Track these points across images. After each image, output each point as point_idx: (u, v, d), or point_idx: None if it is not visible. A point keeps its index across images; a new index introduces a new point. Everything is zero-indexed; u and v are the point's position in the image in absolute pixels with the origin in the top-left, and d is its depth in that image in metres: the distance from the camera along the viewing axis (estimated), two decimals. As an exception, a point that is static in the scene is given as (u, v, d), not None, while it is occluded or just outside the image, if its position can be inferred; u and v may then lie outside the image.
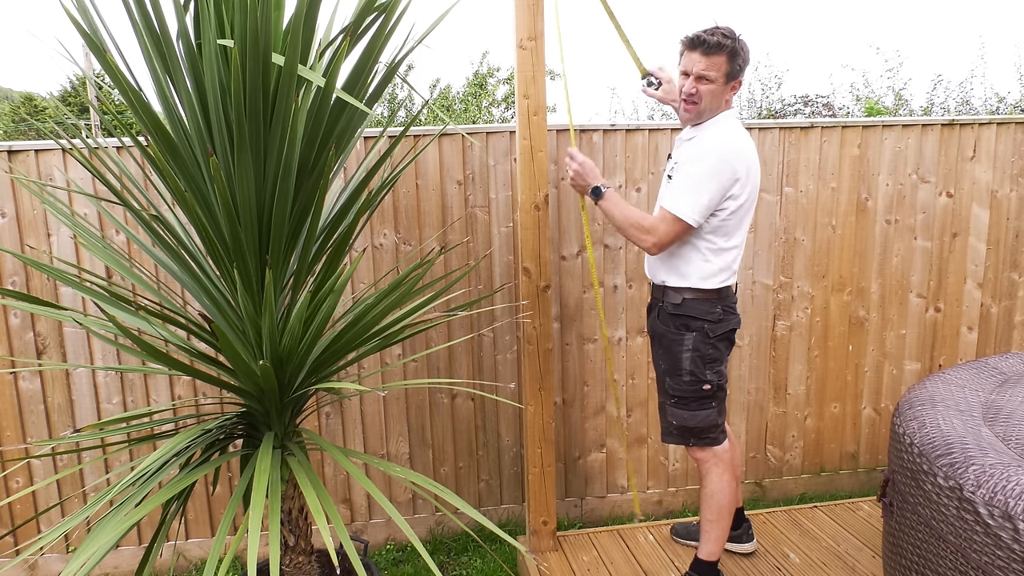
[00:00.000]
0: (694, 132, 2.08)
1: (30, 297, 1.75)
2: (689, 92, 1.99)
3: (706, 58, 1.95)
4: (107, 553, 1.57)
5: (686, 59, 2.00)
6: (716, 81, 1.97)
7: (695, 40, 1.96)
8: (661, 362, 2.19)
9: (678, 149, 2.14)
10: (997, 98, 10.73)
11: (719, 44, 1.93)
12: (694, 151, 2.03)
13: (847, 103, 11.35)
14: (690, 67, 1.98)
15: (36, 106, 18.88)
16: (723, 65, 1.96)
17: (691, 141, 2.08)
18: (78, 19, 1.59)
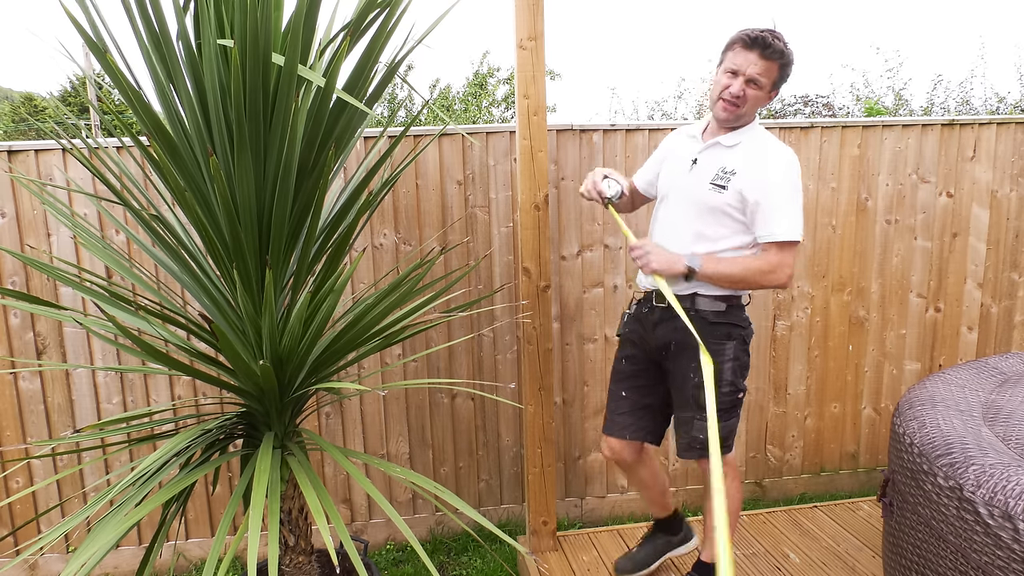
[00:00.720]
0: (737, 139, 1.95)
1: (30, 297, 1.75)
2: (736, 94, 1.86)
3: (763, 61, 1.83)
4: (107, 553, 1.57)
5: (739, 57, 1.85)
6: (764, 88, 1.87)
7: (757, 40, 1.82)
8: (694, 375, 2.01)
9: (713, 154, 1.97)
10: (997, 98, 10.73)
11: (780, 51, 1.83)
12: (765, 163, 1.89)
13: (847, 103, 11.35)
14: (743, 67, 1.84)
15: (36, 106, 18.87)
16: (775, 73, 1.86)
17: (739, 149, 1.94)
18: (78, 19, 1.59)
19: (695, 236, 1.97)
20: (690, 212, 1.97)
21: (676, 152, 2.09)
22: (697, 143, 2.02)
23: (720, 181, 1.92)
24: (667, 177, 2.09)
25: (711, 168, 1.95)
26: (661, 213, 2.09)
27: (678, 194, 2.02)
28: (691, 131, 2.08)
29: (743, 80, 1.85)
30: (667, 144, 2.19)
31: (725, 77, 1.88)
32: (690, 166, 1.99)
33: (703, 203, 1.94)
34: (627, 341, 2.20)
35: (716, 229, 1.95)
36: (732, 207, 1.90)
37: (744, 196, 1.88)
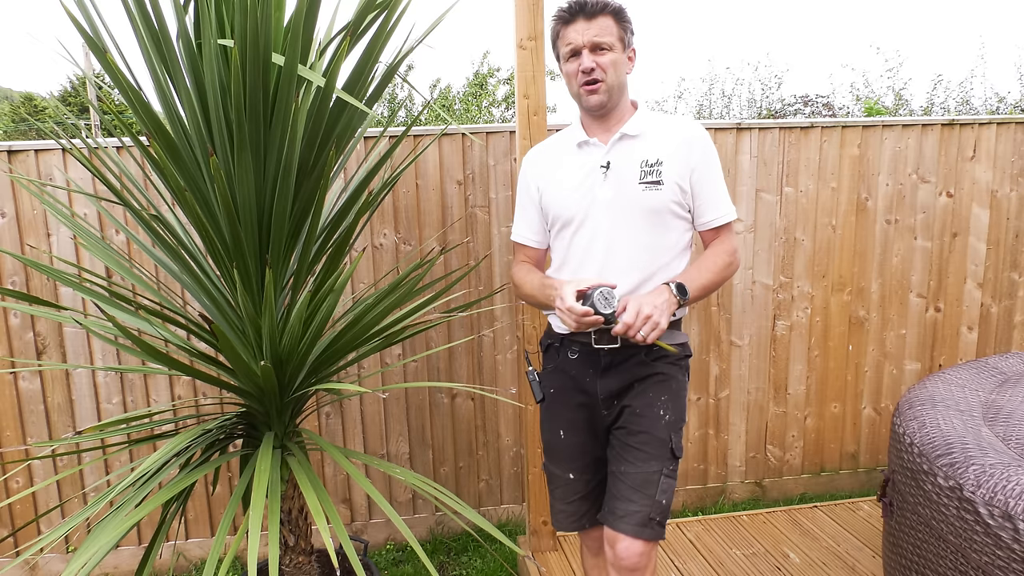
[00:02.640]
0: (639, 125, 1.64)
1: (30, 297, 1.75)
2: (587, 67, 1.57)
3: (592, 22, 1.57)
4: (107, 553, 1.57)
5: (569, 34, 1.59)
6: (614, 48, 1.58)
7: (572, 8, 1.58)
8: (665, 411, 1.64)
9: (623, 149, 1.64)
10: (997, 98, 10.74)
11: (601, 4, 1.57)
12: (690, 141, 1.63)
13: (847, 103, 11.35)
14: (577, 40, 1.57)
15: (36, 106, 18.87)
16: (613, 27, 1.58)
17: (650, 136, 1.64)
18: (78, 19, 1.59)
19: (647, 252, 1.62)
20: (630, 225, 1.61)
21: (566, 168, 1.69)
22: (593, 147, 1.66)
23: (651, 176, 1.61)
24: (572, 199, 1.65)
25: (630, 166, 1.62)
26: (582, 240, 1.65)
27: (603, 210, 1.62)
28: (567, 140, 1.72)
29: (587, 51, 1.58)
30: (537, 170, 1.76)
31: (569, 65, 1.62)
32: (602, 174, 1.62)
33: (642, 208, 1.60)
34: (558, 405, 1.73)
35: (666, 236, 1.63)
36: (675, 202, 1.61)
37: (680, 185, 1.61)
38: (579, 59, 1.58)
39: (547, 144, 1.78)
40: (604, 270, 1.62)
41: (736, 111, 12.09)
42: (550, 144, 1.77)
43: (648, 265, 1.62)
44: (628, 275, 1.61)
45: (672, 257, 1.65)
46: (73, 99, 18.11)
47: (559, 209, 1.68)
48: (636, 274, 1.62)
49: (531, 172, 1.77)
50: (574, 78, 1.60)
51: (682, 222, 1.65)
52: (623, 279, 1.60)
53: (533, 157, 1.79)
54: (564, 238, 1.69)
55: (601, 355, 1.65)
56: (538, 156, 1.78)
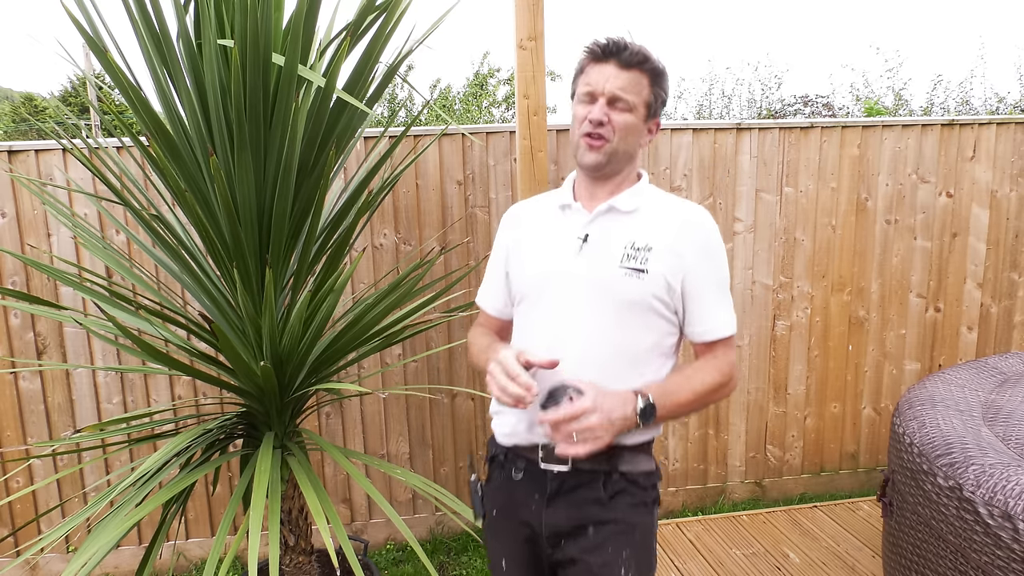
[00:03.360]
0: (634, 201, 1.34)
1: (30, 297, 1.75)
2: (598, 119, 1.27)
3: (624, 72, 1.28)
4: (108, 553, 1.57)
5: (592, 74, 1.30)
6: (635, 109, 1.29)
7: (608, 48, 1.30)
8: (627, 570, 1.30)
9: (610, 224, 1.34)
10: (997, 98, 10.74)
11: (643, 56, 1.29)
12: (691, 230, 1.33)
13: (847, 103, 11.36)
14: (600, 84, 1.28)
15: (36, 106, 18.88)
16: (645, 88, 1.30)
17: (644, 214, 1.34)
18: (78, 19, 1.59)
19: (611, 349, 1.28)
20: (596, 312, 1.29)
21: (542, 232, 1.40)
22: (575, 213, 1.36)
23: (634, 262, 1.28)
24: (535, 267, 1.36)
25: (614, 244, 1.30)
26: (535, 317, 1.35)
27: (566, 285, 1.31)
28: (553, 199, 1.43)
29: (604, 101, 1.28)
30: (512, 232, 1.46)
31: (581, 106, 1.32)
32: (578, 245, 1.32)
33: (616, 296, 1.28)
34: (502, 531, 1.41)
35: (642, 335, 1.29)
36: (658, 299, 1.28)
37: (669, 281, 1.28)
38: (592, 105, 1.29)
39: (532, 203, 1.49)
40: (550, 352, 1.25)
41: (736, 111, 12.09)
42: (535, 203, 1.48)
43: (609, 364, 1.28)
44: (579, 369, 1.25)
45: (647, 362, 1.31)
46: (73, 99, 18.12)
47: (520, 277, 1.38)
48: (590, 370, 1.25)
49: (505, 232, 1.48)
50: (579, 124, 1.32)
51: (665, 323, 1.31)
52: (572, 373, 1.25)
53: (512, 216, 1.49)
54: (520, 315, 1.39)
55: (548, 478, 1.31)
56: (518, 215, 1.49)
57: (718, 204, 2.89)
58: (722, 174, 2.88)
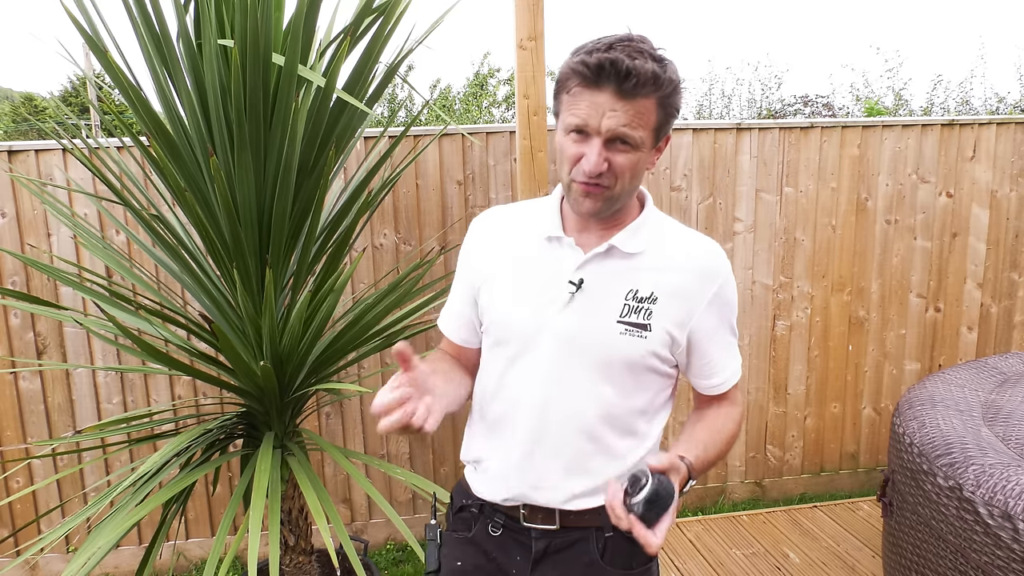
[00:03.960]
0: (639, 239, 1.11)
1: (30, 297, 1.75)
2: (595, 171, 1.00)
3: (626, 103, 0.97)
4: (108, 553, 1.57)
5: (582, 102, 0.99)
6: (642, 145, 1.01)
7: (604, 68, 0.96)
8: None
9: (608, 269, 1.10)
10: (997, 98, 10.74)
11: (652, 75, 0.96)
12: (704, 274, 1.11)
13: (847, 103, 11.36)
14: (594, 120, 0.98)
15: (36, 106, 18.88)
16: (652, 115, 1.00)
17: (650, 257, 1.11)
18: (78, 19, 1.59)
19: (601, 415, 1.11)
20: (586, 375, 1.10)
21: (524, 265, 1.15)
22: (567, 249, 1.11)
23: (637, 316, 1.08)
24: (517, 313, 1.13)
25: (611, 294, 1.09)
26: (517, 374, 1.15)
27: (554, 343, 1.10)
28: (537, 223, 1.16)
29: (600, 143, 0.99)
30: (485, 248, 1.21)
31: (570, 142, 1.03)
32: (569, 293, 1.09)
33: (610, 358, 1.09)
34: None
35: (635, 397, 1.12)
36: (658, 357, 1.10)
37: (673, 335, 1.09)
38: (584, 144, 1.01)
39: (510, 220, 1.21)
40: (536, 425, 1.12)
41: (736, 111, 12.09)
42: (514, 221, 1.20)
43: (601, 433, 1.11)
44: (567, 442, 1.11)
45: (638, 422, 1.14)
46: (73, 99, 18.12)
47: (497, 322, 1.16)
48: (582, 443, 1.11)
49: (477, 247, 1.21)
50: (569, 165, 1.05)
51: (662, 379, 1.14)
52: (557, 443, 1.12)
53: (486, 229, 1.22)
54: (497, 359, 1.18)
55: (532, 536, 1.17)
56: (492, 232, 1.20)
57: (718, 204, 2.89)
58: (722, 174, 2.88)
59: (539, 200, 1.22)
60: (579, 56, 0.99)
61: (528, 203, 1.23)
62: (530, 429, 1.14)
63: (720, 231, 2.90)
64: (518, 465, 1.15)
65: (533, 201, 1.23)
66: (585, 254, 1.10)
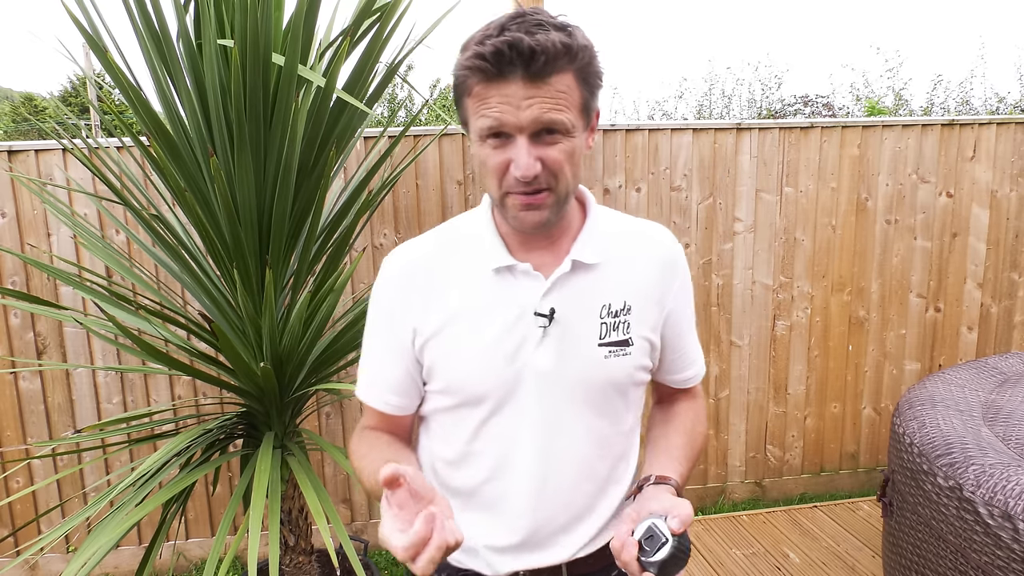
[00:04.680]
0: (598, 247, 0.97)
1: (30, 297, 1.75)
2: (528, 174, 0.84)
3: (540, 85, 0.82)
4: (107, 553, 1.57)
5: (492, 100, 0.83)
6: (573, 129, 0.86)
7: (503, 56, 0.81)
8: None
9: (577, 290, 0.96)
10: (997, 98, 10.73)
11: (563, 48, 0.82)
12: (662, 267, 1.01)
13: (847, 103, 11.36)
14: (510, 116, 0.83)
15: (36, 106, 18.88)
16: (575, 91, 0.85)
17: (615, 264, 0.99)
18: (79, 18, 1.59)
19: (599, 449, 1.00)
20: (579, 411, 0.98)
21: (474, 306, 0.96)
22: (525, 278, 0.95)
23: (617, 333, 0.97)
24: (486, 365, 0.95)
25: (586, 316, 0.96)
26: (499, 431, 0.97)
27: (539, 388, 0.96)
28: (479, 250, 0.97)
29: (526, 140, 0.84)
30: (412, 296, 0.97)
31: (490, 150, 0.86)
32: (540, 328, 0.94)
33: (600, 385, 0.98)
34: None
35: (624, 417, 1.02)
36: (643, 369, 1.01)
37: (651, 341, 1.01)
38: (508, 148, 0.85)
39: (433, 251, 1.00)
40: (539, 483, 0.98)
41: (736, 111, 12.09)
42: (439, 251, 0.99)
43: (600, 468, 1.01)
44: (574, 490, 0.99)
45: (626, 447, 1.05)
46: (73, 99, 18.13)
47: (462, 379, 0.97)
48: (586, 485, 1.00)
49: (403, 300, 0.98)
50: (495, 177, 0.88)
51: (641, 388, 1.05)
52: (564, 499, 0.99)
53: (406, 271, 0.99)
54: (466, 422, 0.99)
55: None
56: (416, 270, 0.98)
57: (718, 204, 2.89)
58: (722, 174, 2.88)
59: (461, 223, 1.02)
60: (471, 50, 0.83)
61: (449, 230, 1.02)
62: (529, 492, 0.98)
63: (720, 231, 2.90)
64: (518, 536, 1.00)
65: (454, 226, 1.02)
66: (547, 279, 0.95)
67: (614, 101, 23.16)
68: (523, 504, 0.99)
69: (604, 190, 2.79)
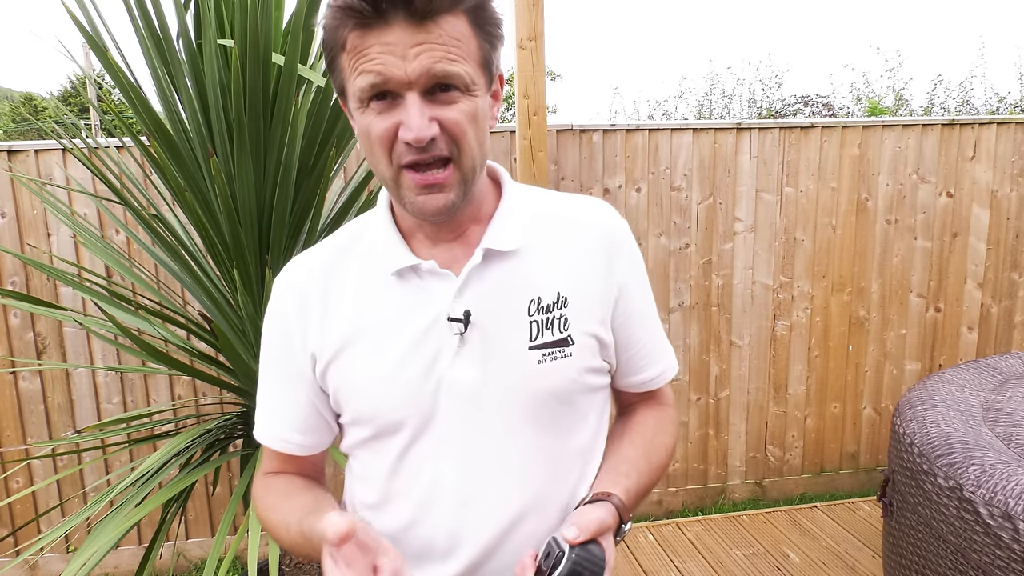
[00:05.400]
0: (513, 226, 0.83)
1: (30, 297, 1.75)
2: (421, 136, 0.70)
3: (431, 28, 0.69)
4: (107, 553, 1.57)
5: (373, 51, 0.69)
6: (473, 86, 0.73)
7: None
8: None
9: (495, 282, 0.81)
10: (997, 98, 10.74)
11: None
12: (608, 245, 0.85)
13: (847, 103, 11.36)
14: (395, 68, 0.69)
15: (36, 106, 18.88)
16: (471, 40, 0.72)
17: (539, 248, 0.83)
18: (79, 18, 1.59)
19: (539, 467, 0.83)
20: (511, 428, 0.82)
21: (381, 318, 0.82)
22: (431, 278, 0.81)
23: (551, 333, 0.81)
24: (396, 387, 0.81)
25: (510, 315, 0.81)
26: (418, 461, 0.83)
27: (460, 407, 0.81)
28: (376, 251, 0.84)
29: (417, 97, 0.70)
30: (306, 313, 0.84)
31: (374, 116, 0.72)
32: (456, 336, 0.80)
33: (536, 396, 0.82)
34: None
35: (575, 432, 0.86)
36: (592, 370, 0.85)
37: (599, 337, 0.84)
38: (395, 111, 0.71)
39: (324, 261, 0.86)
40: (461, 511, 0.82)
41: (736, 111, 12.09)
42: (332, 260, 0.86)
43: (538, 488, 0.83)
44: (499, 511, 0.82)
45: (584, 470, 0.87)
46: (73, 99, 18.13)
47: (370, 406, 0.83)
48: (513, 507, 0.82)
49: (298, 320, 0.84)
50: (383, 148, 0.73)
51: (599, 394, 0.88)
52: (491, 520, 0.82)
53: (297, 288, 0.85)
54: (382, 457, 0.85)
55: None
56: (308, 285, 0.85)
57: (718, 204, 2.89)
58: (722, 174, 2.87)
59: (360, 223, 0.88)
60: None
61: (347, 233, 0.88)
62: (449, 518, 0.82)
63: (720, 231, 2.90)
64: None
65: (353, 227, 0.88)
66: (457, 276, 0.80)
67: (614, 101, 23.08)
68: (452, 552, 0.83)
69: (604, 190, 2.79)
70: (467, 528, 0.82)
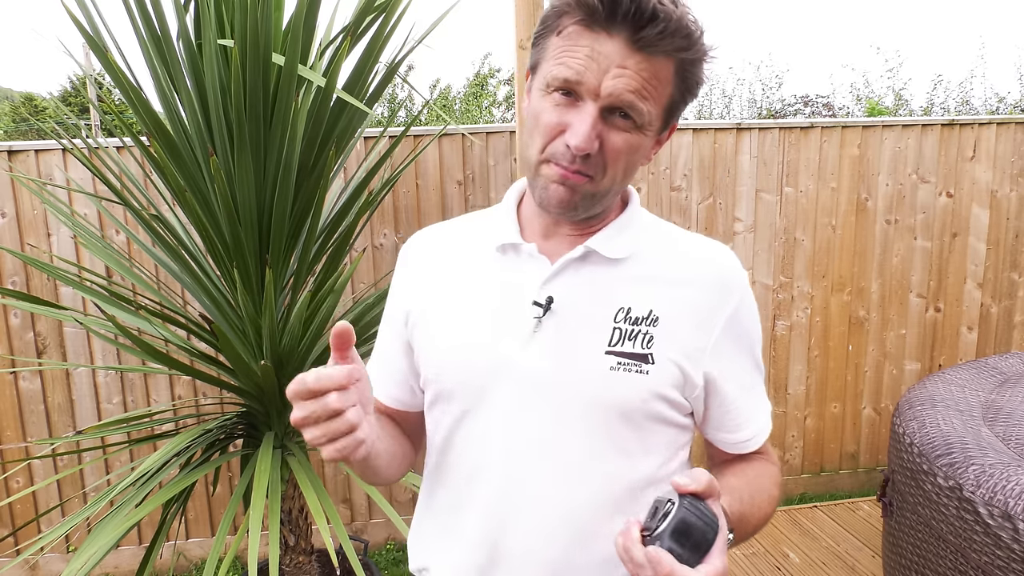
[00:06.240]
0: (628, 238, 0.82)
1: (30, 297, 1.75)
2: (581, 145, 0.71)
3: (642, 59, 0.70)
4: (107, 553, 1.57)
5: (582, 50, 0.70)
6: (647, 126, 0.74)
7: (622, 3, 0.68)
8: None
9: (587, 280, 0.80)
10: (997, 98, 10.74)
11: (684, 29, 0.71)
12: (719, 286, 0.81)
13: (847, 103, 11.36)
14: (593, 76, 0.70)
15: (36, 106, 18.88)
16: (668, 85, 0.74)
17: (643, 260, 0.81)
18: (79, 18, 1.59)
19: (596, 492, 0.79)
20: (569, 433, 0.78)
21: (470, 285, 0.85)
22: (528, 259, 0.82)
23: (632, 344, 0.77)
24: (461, 353, 0.82)
25: (596, 314, 0.79)
26: (467, 440, 0.83)
27: (517, 391, 0.79)
28: (485, 230, 0.87)
29: (596, 111, 0.71)
30: (418, 276, 0.89)
31: (550, 106, 0.73)
32: (535, 317, 0.79)
33: (600, 404, 0.78)
34: None
35: (640, 460, 0.80)
36: (668, 401, 0.79)
37: (687, 372, 0.79)
38: (571, 111, 0.72)
39: (447, 234, 0.91)
40: (493, 524, 0.80)
41: (736, 111, 12.10)
42: (451, 235, 0.91)
43: (592, 522, 0.79)
44: (543, 538, 0.79)
45: (631, 499, 0.80)
46: (73, 99, 18.13)
47: (435, 369, 0.84)
48: (565, 537, 0.79)
49: (406, 279, 0.90)
50: (544, 136, 0.74)
51: (675, 433, 0.83)
52: (530, 543, 0.79)
53: (415, 253, 0.91)
54: (440, 424, 0.85)
55: None
56: (425, 249, 0.90)
57: (718, 204, 2.89)
58: (722, 174, 2.88)
59: (487, 209, 0.92)
60: None
61: (472, 214, 0.93)
62: (484, 529, 0.79)
63: (720, 231, 2.90)
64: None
65: (478, 212, 0.93)
66: (553, 263, 0.80)
67: (614, 101, 22.64)
68: (479, 544, 0.80)
69: (604, 190, 2.79)
70: (490, 526, 0.80)
